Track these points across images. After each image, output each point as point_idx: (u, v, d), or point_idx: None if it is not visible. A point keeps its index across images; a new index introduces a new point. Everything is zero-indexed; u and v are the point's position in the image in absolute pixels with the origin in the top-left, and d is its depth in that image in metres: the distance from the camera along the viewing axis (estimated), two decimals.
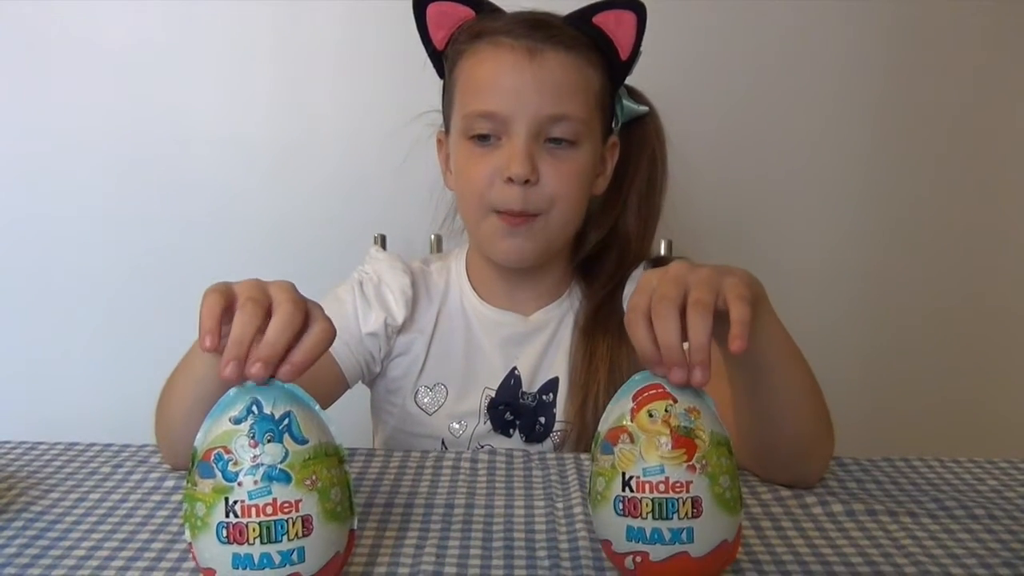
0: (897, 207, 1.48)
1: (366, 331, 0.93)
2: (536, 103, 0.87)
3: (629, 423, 0.57)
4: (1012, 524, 0.69)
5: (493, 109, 0.88)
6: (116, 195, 1.41)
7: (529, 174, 0.87)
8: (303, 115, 1.41)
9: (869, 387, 1.51)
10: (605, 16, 0.89)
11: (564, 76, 0.88)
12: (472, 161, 0.90)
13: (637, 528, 0.55)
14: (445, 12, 0.92)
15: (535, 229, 0.90)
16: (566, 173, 0.89)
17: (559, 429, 0.94)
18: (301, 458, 0.54)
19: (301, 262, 1.40)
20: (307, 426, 0.55)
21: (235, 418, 0.54)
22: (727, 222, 1.46)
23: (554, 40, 0.88)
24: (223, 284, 0.57)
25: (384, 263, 0.97)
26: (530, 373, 0.96)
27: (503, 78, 0.88)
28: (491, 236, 0.91)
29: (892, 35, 1.43)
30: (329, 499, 0.55)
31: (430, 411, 0.96)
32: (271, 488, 0.53)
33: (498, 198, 0.89)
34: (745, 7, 1.39)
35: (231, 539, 0.53)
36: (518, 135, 0.87)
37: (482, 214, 0.91)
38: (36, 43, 1.37)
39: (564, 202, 0.90)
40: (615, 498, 0.56)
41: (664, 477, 0.55)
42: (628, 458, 0.56)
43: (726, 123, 1.43)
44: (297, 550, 0.53)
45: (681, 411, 0.56)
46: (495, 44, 0.89)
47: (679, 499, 0.55)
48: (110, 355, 1.45)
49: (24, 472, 0.77)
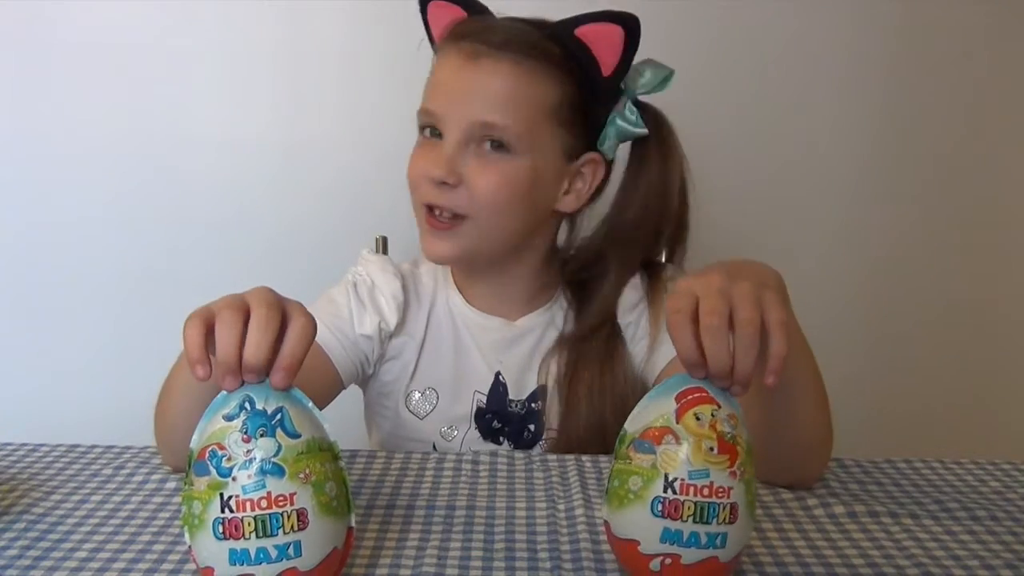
0: (898, 207, 1.48)
1: (360, 332, 0.92)
2: (467, 108, 0.87)
3: (675, 424, 0.56)
4: (1014, 525, 0.69)
5: (431, 108, 0.89)
6: (118, 198, 1.41)
7: (446, 176, 0.86)
8: (306, 118, 1.41)
9: (871, 388, 1.50)
10: (589, 29, 0.87)
11: (501, 84, 0.86)
12: (414, 156, 0.91)
13: (675, 530, 0.55)
14: (442, 9, 0.92)
15: (459, 232, 0.89)
16: (491, 179, 0.87)
17: (547, 437, 0.94)
18: (294, 452, 0.54)
19: (304, 264, 1.40)
20: (300, 421, 0.55)
21: (228, 415, 0.54)
22: (728, 222, 1.46)
23: (503, 47, 0.86)
24: (200, 308, 0.57)
25: (376, 266, 0.96)
26: (516, 379, 0.95)
27: (444, 79, 0.89)
28: (421, 235, 0.92)
29: (894, 37, 1.42)
30: (324, 493, 0.55)
31: (421, 416, 0.95)
32: (265, 482, 0.53)
33: (423, 194, 0.89)
34: (747, 10, 1.39)
35: (227, 534, 0.53)
36: (448, 137, 0.87)
37: (417, 211, 0.92)
38: (37, 45, 1.37)
39: (490, 208, 0.88)
40: (654, 499, 0.56)
41: (709, 481, 0.55)
42: (672, 459, 0.55)
43: (727, 124, 1.42)
44: (293, 544, 0.53)
45: (724, 416, 0.56)
46: (455, 46, 0.88)
47: (720, 504, 0.55)
48: (112, 357, 1.45)
49: (26, 474, 0.77)
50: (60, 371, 1.46)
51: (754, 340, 0.57)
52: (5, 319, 1.44)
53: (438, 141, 0.89)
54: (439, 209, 0.89)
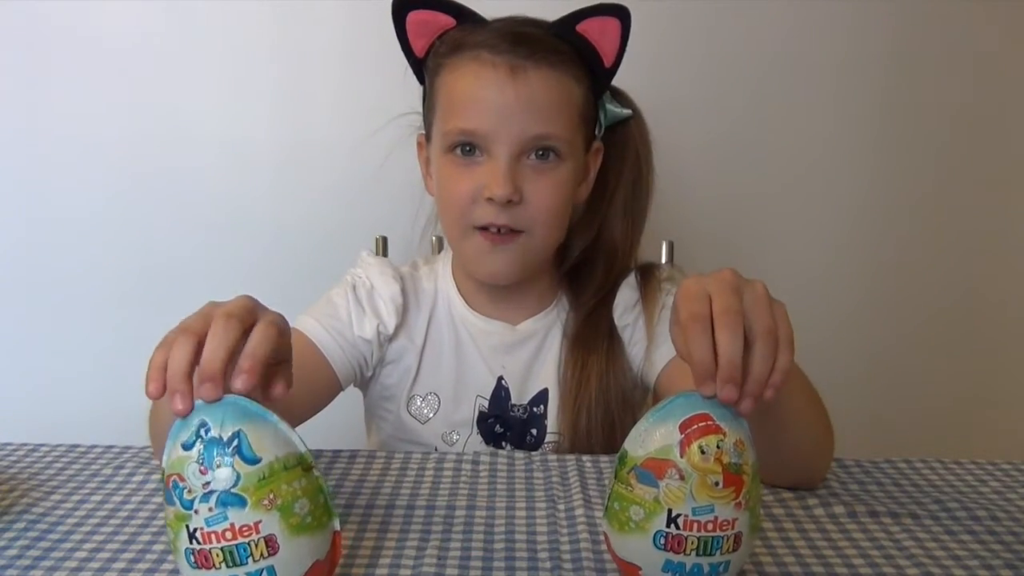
0: (898, 208, 1.48)
1: (359, 335, 0.92)
2: (519, 123, 0.85)
3: (679, 459, 0.54)
4: (1014, 526, 0.69)
5: (475, 127, 0.86)
6: (117, 198, 1.41)
7: (511, 195, 0.85)
8: (306, 118, 1.41)
9: (871, 388, 1.50)
10: (589, 24, 0.87)
11: (547, 95, 0.86)
12: (453, 178, 0.88)
13: (677, 562, 0.54)
14: (426, 21, 0.89)
15: (518, 245, 0.88)
16: (549, 190, 0.87)
17: (550, 440, 0.94)
18: (255, 479, 0.52)
19: (304, 264, 1.41)
20: (259, 443, 0.52)
21: (185, 443, 0.52)
22: (728, 224, 1.46)
23: (537, 57, 0.85)
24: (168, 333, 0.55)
25: (375, 268, 0.96)
26: (519, 383, 0.95)
27: (485, 96, 0.85)
28: (474, 255, 0.90)
29: (893, 36, 1.42)
30: (293, 514, 0.52)
31: (423, 420, 0.95)
32: (227, 513, 0.51)
33: (480, 217, 0.87)
34: (745, 9, 1.39)
35: (199, 564, 0.52)
36: (500, 155, 0.85)
37: (464, 231, 0.89)
38: (37, 45, 1.37)
39: (548, 218, 0.88)
40: (657, 532, 0.54)
41: (713, 516, 0.54)
42: (677, 496, 0.54)
43: (728, 125, 1.43)
44: (266, 569, 0.52)
45: (731, 446, 0.54)
46: (477, 59, 0.86)
47: (724, 536, 0.54)
48: (112, 357, 1.44)
49: (26, 474, 0.77)
50: (60, 371, 1.46)
51: (773, 351, 0.55)
52: (5, 319, 1.44)
53: (479, 159, 0.87)
54: (495, 226, 0.87)
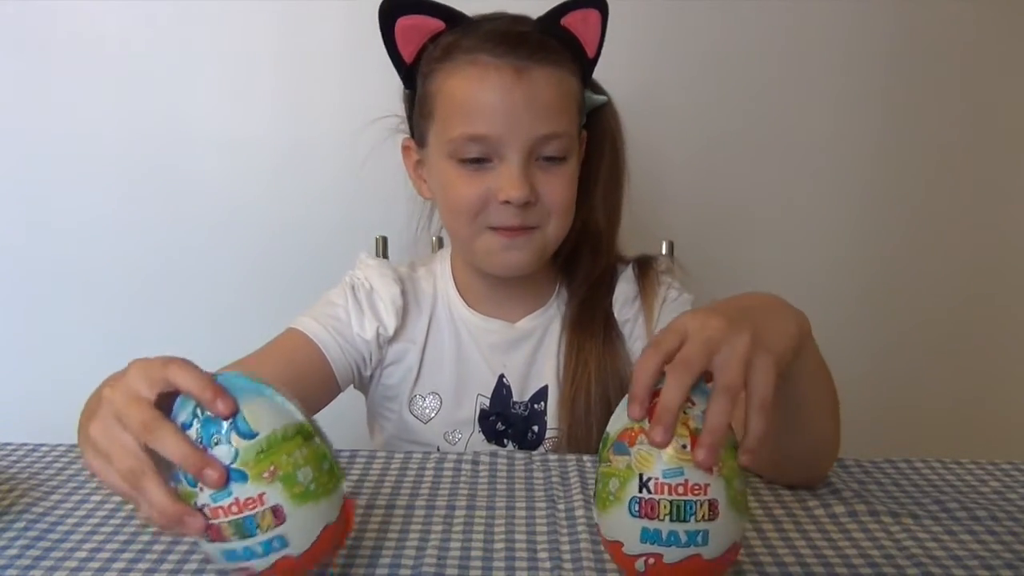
0: (900, 207, 1.48)
1: (359, 334, 0.92)
2: (528, 124, 0.84)
3: (647, 424, 0.55)
4: (1014, 526, 0.69)
5: (484, 132, 0.85)
6: (118, 198, 1.41)
7: (528, 196, 0.85)
8: (306, 118, 1.41)
9: (871, 388, 1.50)
10: (572, 17, 0.88)
11: (550, 93, 0.86)
12: (461, 182, 0.87)
13: (653, 530, 0.55)
14: (415, 26, 0.88)
15: (533, 239, 0.89)
16: (562, 186, 0.88)
17: (551, 437, 0.94)
18: (253, 452, 0.53)
19: (303, 264, 1.41)
20: (257, 416, 0.54)
21: (183, 424, 0.54)
22: (728, 224, 1.46)
23: (538, 57, 0.85)
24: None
25: (374, 270, 0.96)
26: (519, 380, 0.95)
27: (491, 100, 0.84)
28: (489, 252, 0.90)
29: (893, 36, 1.42)
30: (296, 483, 0.53)
31: (425, 420, 0.95)
32: (231, 488, 0.52)
33: (496, 219, 0.87)
34: (745, 9, 1.39)
35: (213, 537, 0.54)
36: (512, 158, 0.85)
37: (476, 232, 0.89)
38: (37, 45, 1.37)
39: (560, 213, 0.89)
40: (631, 499, 0.55)
41: (684, 479, 0.54)
42: (646, 459, 0.55)
43: (728, 125, 1.43)
44: (276, 538, 0.53)
45: (698, 413, 0.55)
46: (476, 63, 0.85)
47: (697, 501, 0.54)
48: (112, 357, 1.43)
49: (26, 474, 0.77)
50: (60, 371, 1.45)
51: (727, 408, 0.53)
52: (5, 319, 1.44)
53: (487, 164, 0.86)
54: (512, 227, 0.88)
